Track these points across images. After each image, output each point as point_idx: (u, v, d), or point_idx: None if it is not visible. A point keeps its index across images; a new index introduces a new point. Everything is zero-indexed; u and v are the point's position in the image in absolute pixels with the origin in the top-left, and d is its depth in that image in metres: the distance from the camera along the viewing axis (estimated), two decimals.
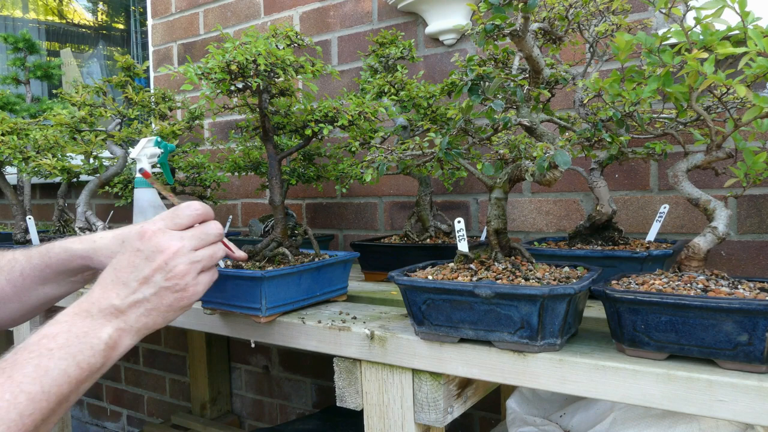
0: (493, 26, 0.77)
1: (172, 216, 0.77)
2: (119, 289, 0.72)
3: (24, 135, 1.57)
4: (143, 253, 0.73)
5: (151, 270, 0.73)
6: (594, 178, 1.16)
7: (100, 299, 0.72)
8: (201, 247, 0.77)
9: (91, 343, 0.68)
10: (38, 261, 0.89)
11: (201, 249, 0.77)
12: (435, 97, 1.37)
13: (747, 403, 0.64)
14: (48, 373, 0.63)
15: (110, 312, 0.72)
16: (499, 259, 0.90)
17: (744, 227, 1.29)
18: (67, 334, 0.67)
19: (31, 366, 0.63)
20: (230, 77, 0.97)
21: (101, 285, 0.74)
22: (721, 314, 0.67)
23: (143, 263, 0.73)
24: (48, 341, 0.66)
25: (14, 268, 0.90)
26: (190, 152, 1.82)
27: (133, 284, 0.73)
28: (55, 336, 0.66)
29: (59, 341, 0.66)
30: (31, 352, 0.64)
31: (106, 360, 0.70)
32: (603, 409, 1.02)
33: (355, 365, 0.94)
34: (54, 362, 0.64)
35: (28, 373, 0.62)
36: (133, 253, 0.74)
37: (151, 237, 0.74)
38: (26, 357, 0.64)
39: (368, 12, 1.82)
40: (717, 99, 0.80)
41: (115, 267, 0.74)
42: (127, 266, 0.73)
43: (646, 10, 1.38)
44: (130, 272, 0.73)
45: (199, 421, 2.21)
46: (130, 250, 0.74)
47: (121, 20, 3.72)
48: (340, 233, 1.92)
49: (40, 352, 0.64)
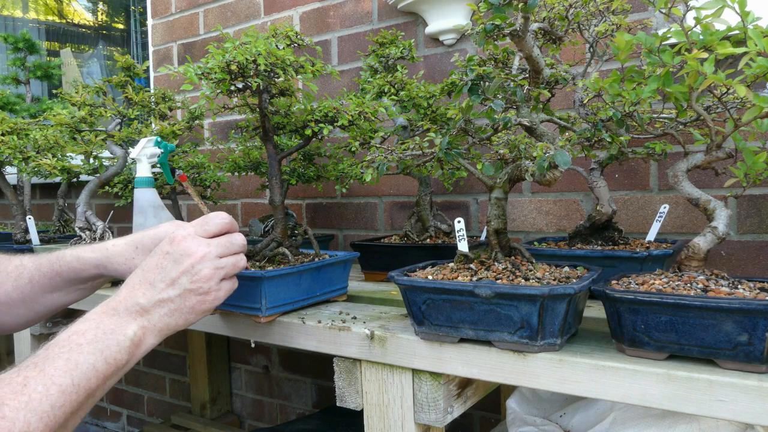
0: (493, 26, 0.77)
1: (202, 223, 0.81)
2: (146, 289, 0.76)
3: (24, 135, 1.57)
4: (172, 256, 0.78)
5: (178, 272, 0.77)
6: (594, 178, 1.16)
7: (127, 298, 0.76)
8: (226, 255, 0.81)
9: (117, 340, 0.71)
10: (48, 269, 0.90)
11: (225, 257, 0.81)
12: (435, 97, 1.37)
13: (747, 403, 0.64)
14: (78, 366, 0.66)
15: (136, 310, 0.75)
16: (499, 259, 0.90)
17: (744, 227, 1.29)
18: (95, 331, 0.70)
19: (62, 360, 0.66)
20: (230, 77, 0.97)
21: (129, 285, 0.78)
22: (721, 314, 0.67)
23: (171, 265, 0.77)
24: (78, 337, 0.69)
25: (22, 275, 0.90)
26: (190, 152, 1.82)
27: (160, 285, 0.77)
28: (84, 332, 0.70)
29: (88, 337, 0.69)
30: (62, 347, 0.67)
31: (130, 357, 0.73)
32: (603, 409, 1.02)
33: (355, 365, 0.94)
34: (83, 357, 0.67)
35: (59, 366, 0.65)
36: (162, 255, 0.78)
37: (180, 241, 0.78)
38: (57, 352, 0.67)
39: (368, 12, 1.82)
40: (717, 99, 0.80)
41: (143, 268, 0.79)
42: (156, 267, 0.78)
43: (646, 10, 1.38)
44: (158, 273, 0.77)
45: (199, 421, 2.21)
46: (159, 253, 0.79)
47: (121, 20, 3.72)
48: (340, 233, 1.92)
49: (70, 347, 0.67)
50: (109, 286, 1.43)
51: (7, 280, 0.90)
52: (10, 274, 0.90)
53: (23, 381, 0.62)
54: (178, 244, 0.78)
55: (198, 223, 0.82)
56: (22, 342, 1.60)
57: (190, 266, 0.77)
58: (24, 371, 0.64)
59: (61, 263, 0.90)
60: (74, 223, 1.50)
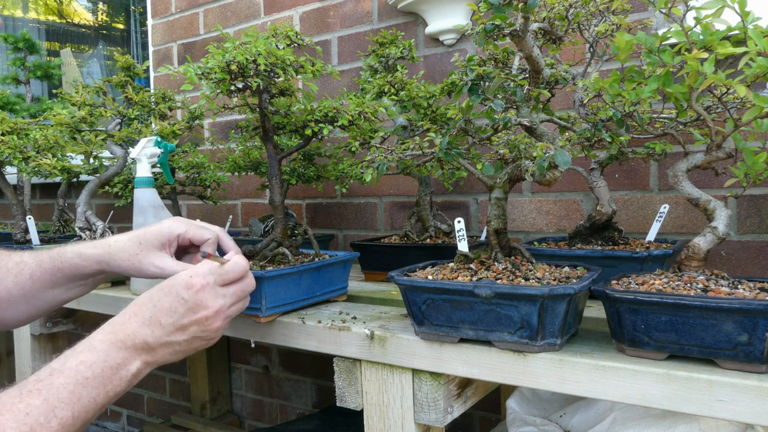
0: (493, 26, 0.77)
1: (222, 273, 0.81)
2: (155, 329, 0.77)
3: (24, 135, 1.57)
4: (187, 303, 0.78)
5: (189, 321, 0.78)
6: (594, 178, 1.16)
7: (136, 334, 0.76)
8: (236, 303, 0.83)
9: (120, 375, 0.73)
10: (49, 265, 0.90)
11: (236, 304, 0.83)
12: (435, 97, 1.37)
13: (747, 403, 0.64)
14: (80, 400, 0.68)
15: (142, 347, 0.76)
16: (499, 259, 0.90)
17: (744, 227, 1.29)
18: (103, 365, 0.72)
19: (66, 392, 0.67)
20: (230, 77, 0.97)
21: (138, 318, 0.77)
22: (721, 314, 0.67)
23: (185, 313, 0.78)
24: (85, 369, 0.70)
25: (23, 271, 0.90)
26: (190, 152, 1.82)
27: (169, 328, 0.77)
28: (91, 365, 0.71)
29: (95, 371, 0.71)
30: (68, 377, 0.68)
31: (128, 387, 0.75)
32: (603, 409, 1.02)
33: (355, 365, 0.94)
34: (87, 391, 0.69)
35: (63, 398, 0.66)
36: (177, 299, 0.78)
37: (198, 291, 0.78)
38: (63, 382, 0.68)
39: (368, 12, 1.82)
40: (717, 99, 0.80)
41: (155, 305, 0.78)
42: (168, 310, 0.78)
43: (646, 10, 1.38)
44: (169, 316, 0.77)
45: (199, 421, 2.21)
46: (174, 295, 0.78)
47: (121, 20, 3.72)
48: (340, 233, 1.92)
49: (76, 380, 0.68)
50: (109, 285, 1.44)
51: (7, 276, 0.89)
52: (11, 270, 0.90)
53: (26, 409, 0.63)
54: (195, 293, 0.78)
55: (219, 273, 0.81)
56: (22, 342, 1.60)
57: (204, 318, 0.79)
58: (27, 398, 0.64)
59: (62, 259, 0.90)
60: (74, 223, 1.50)
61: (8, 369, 2.58)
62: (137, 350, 0.76)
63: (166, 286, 0.79)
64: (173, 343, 0.78)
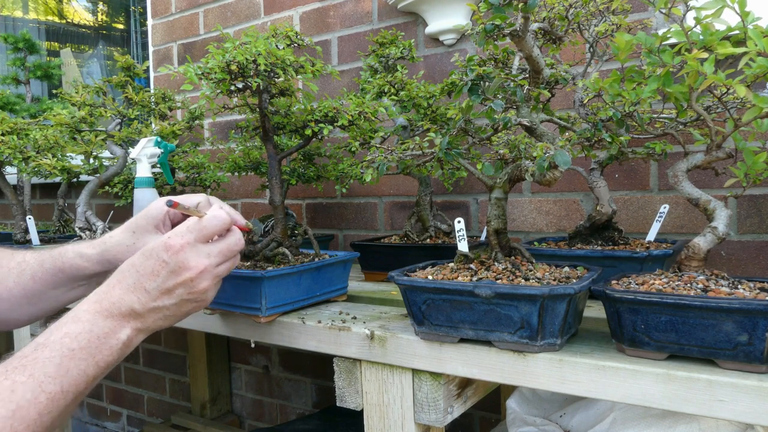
0: (493, 26, 0.77)
1: (201, 228, 0.76)
2: (140, 294, 0.74)
3: (24, 135, 1.57)
4: (169, 265, 0.74)
5: (174, 283, 0.74)
6: (594, 178, 1.16)
7: (121, 301, 0.73)
8: (224, 262, 0.79)
9: (110, 344, 0.70)
10: (50, 265, 0.89)
11: (224, 263, 0.79)
12: (435, 97, 1.37)
13: (747, 403, 0.64)
14: (68, 372, 0.65)
15: (130, 314, 0.73)
16: (499, 259, 0.90)
17: (744, 227, 1.29)
18: (89, 335, 0.69)
19: (53, 366, 0.65)
20: (230, 77, 0.97)
21: (122, 285, 0.74)
22: (721, 314, 0.67)
23: (168, 276, 0.74)
24: (70, 341, 0.67)
25: (24, 271, 0.89)
26: (190, 152, 1.82)
27: (155, 293, 0.74)
28: (77, 336, 0.68)
29: (81, 342, 0.68)
30: (53, 350, 0.66)
31: (120, 356, 0.73)
32: (603, 409, 1.02)
33: (355, 365, 0.94)
34: (75, 362, 0.66)
35: (50, 372, 0.64)
36: (159, 262, 0.74)
37: (178, 251, 0.74)
38: (48, 355, 0.65)
39: (368, 12, 1.82)
40: (717, 99, 0.80)
41: (138, 270, 0.75)
42: (151, 274, 0.74)
43: (646, 10, 1.38)
44: (153, 281, 0.74)
45: (199, 421, 2.21)
46: (155, 258, 0.74)
47: (121, 20, 3.72)
48: (340, 233, 1.92)
49: (62, 353, 0.66)
50: None
51: (9, 276, 0.89)
52: (12, 270, 0.89)
53: (11, 387, 0.61)
54: (175, 254, 0.74)
55: (196, 228, 0.76)
56: (22, 342, 1.60)
57: (189, 279, 0.75)
58: (12, 375, 0.62)
59: (63, 260, 0.89)
60: (74, 223, 1.50)
61: None
62: (125, 317, 0.73)
63: (147, 249, 0.75)
64: (161, 307, 0.75)
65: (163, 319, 0.76)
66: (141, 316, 0.74)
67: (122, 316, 0.73)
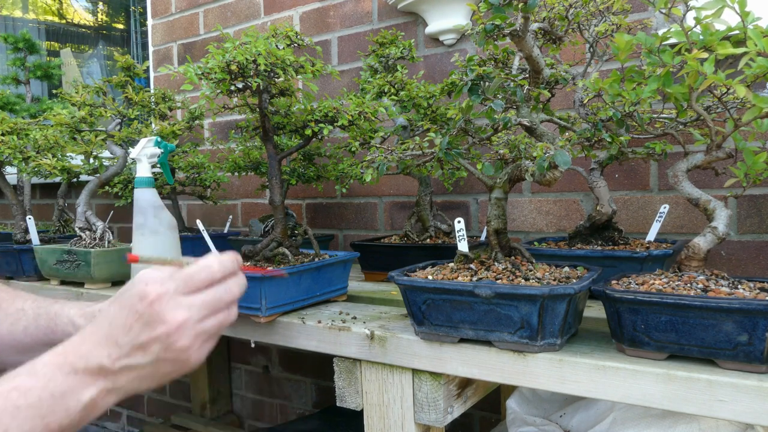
0: (493, 26, 0.77)
1: (186, 279, 0.66)
2: (111, 349, 0.64)
3: (24, 135, 1.57)
4: (143, 318, 0.64)
5: (148, 338, 0.64)
6: (594, 178, 1.16)
7: (89, 355, 0.63)
8: (210, 316, 0.68)
9: (67, 405, 0.61)
10: (44, 324, 0.84)
11: (210, 317, 0.68)
12: (435, 97, 1.37)
13: (747, 403, 0.64)
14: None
15: (98, 371, 0.63)
16: (499, 259, 0.90)
17: (744, 227, 1.29)
18: (41, 392, 0.59)
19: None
20: (230, 77, 0.97)
21: (92, 338, 0.65)
22: (721, 314, 0.67)
23: (140, 329, 0.64)
24: (17, 396, 0.58)
25: (19, 321, 0.85)
26: (190, 152, 1.82)
27: (126, 348, 0.64)
28: (26, 391, 0.59)
29: (30, 399, 0.59)
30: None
31: (81, 420, 0.63)
32: (603, 409, 1.02)
33: (355, 365, 0.94)
34: (17, 422, 0.58)
35: None
36: (131, 313, 0.65)
37: (153, 302, 0.64)
38: None
39: (368, 12, 1.82)
40: (717, 99, 0.80)
41: (110, 321, 0.66)
42: (122, 327, 0.65)
43: (646, 10, 1.38)
44: (125, 334, 0.64)
45: (199, 421, 2.21)
46: (128, 308, 0.65)
47: (121, 20, 3.71)
48: (340, 233, 1.92)
49: (5, 407, 0.58)
50: (109, 285, 1.44)
51: (3, 321, 0.85)
52: (10, 316, 0.86)
53: None
54: (150, 305, 0.64)
55: (181, 279, 0.66)
56: None
57: (164, 335, 0.64)
58: None
59: (56, 322, 0.84)
60: (74, 223, 1.50)
61: None
62: (91, 374, 0.62)
63: (122, 297, 0.67)
64: (135, 366, 0.64)
65: (138, 380, 0.66)
66: (111, 374, 0.64)
67: (88, 373, 0.63)
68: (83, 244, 1.44)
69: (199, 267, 0.67)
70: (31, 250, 1.55)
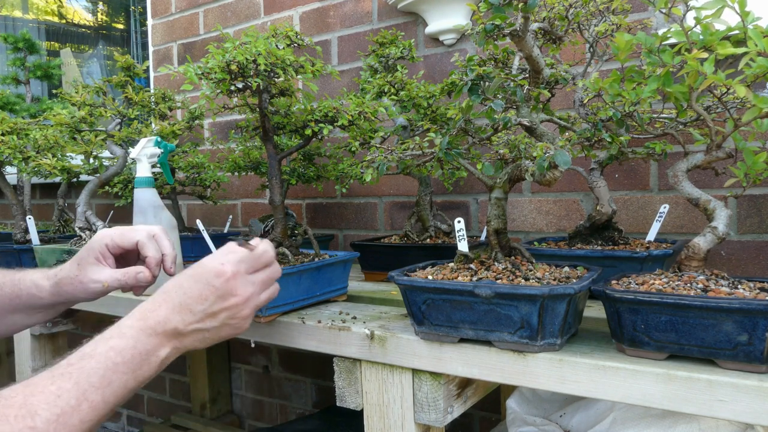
0: (493, 26, 0.77)
1: (253, 262, 0.81)
2: (185, 315, 0.77)
3: (24, 135, 1.57)
4: (218, 291, 0.78)
5: (220, 308, 0.78)
6: (594, 178, 1.16)
7: (166, 321, 0.76)
8: (264, 291, 0.84)
9: (149, 361, 0.74)
10: (9, 290, 0.90)
11: (264, 292, 0.84)
12: (435, 97, 1.37)
13: (747, 403, 0.64)
14: (111, 384, 0.68)
15: (172, 334, 0.76)
16: (499, 259, 0.90)
17: (744, 227, 1.29)
18: (133, 351, 0.72)
19: (97, 376, 0.68)
20: (230, 77, 0.97)
21: (168, 305, 0.77)
22: (721, 314, 0.67)
23: (215, 300, 0.78)
24: (115, 355, 0.70)
25: None
26: (190, 152, 1.82)
27: (200, 315, 0.77)
28: (121, 351, 0.71)
29: (125, 357, 0.71)
30: (99, 362, 0.69)
31: (156, 372, 0.76)
32: (603, 409, 1.02)
33: (355, 365, 0.94)
34: (117, 376, 0.69)
35: (94, 382, 0.67)
36: (207, 286, 0.78)
37: (229, 279, 0.78)
38: (93, 366, 0.68)
39: (368, 12, 1.82)
40: (717, 99, 0.80)
41: (186, 292, 0.78)
42: (198, 297, 0.77)
43: (646, 10, 1.38)
44: (200, 303, 0.77)
45: (199, 421, 2.21)
46: (204, 283, 0.78)
47: (121, 20, 3.71)
48: (340, 233, 1.92)
49: (106, 365, 0.69)
50: None
51: None
52: None
53: (57, 392, 0.64)
54: (226, 281, 0.78)
55: (249, 261, 0.81)
56: (22, 342, 1.60)
57: (234, 305, 0.79)
58: (58, 381, 0.65)
59: (20, 286, 0.90)
60: (74, 223, 1.50)
61: (8, 369, 2.58)
62: (167, 336, 0.76)
63: (197, 273, 0.79)
64: (203, 329, 0.78)
65: (201, 341, 0.80)
66: (182, 336, 0.77)
67: (165, 335, 0.76)
68: (83, 244, 1.44)
69: (261, 251, 0.83)
70: (31, 250, 1.55)
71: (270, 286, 0.85)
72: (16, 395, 0.62)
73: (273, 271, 0.85)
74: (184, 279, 0.79)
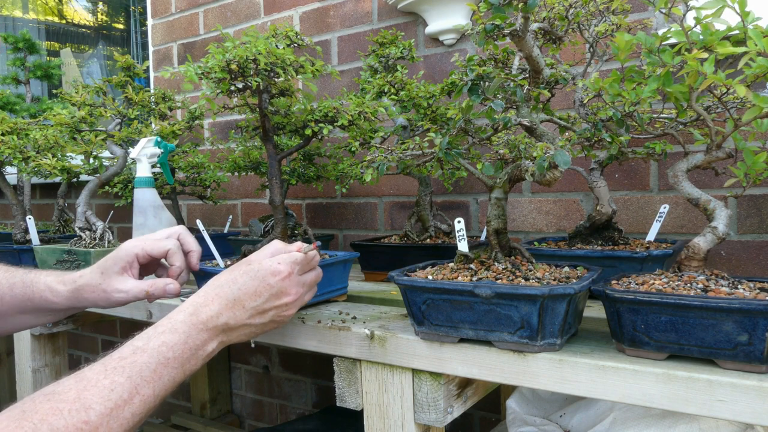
0: (493, 26, 0.77)
1: (305, 265, 0.86)
2: (237, 311, 0.79)
3: (24, 135, 1.57)
4: (273, 289, 0.81)
5: (271, 306, 0.82)
6: (594, 178, 1.16)
7: (218, 316, 0.78)
8: (309, 291, 0.89)
9: (197, 355, 0.76)
10: (20, 292, 0.90)
11: (309, 292, 0.89)
12: (435, 97, 1.37)
13: (747, 403, 0.64)
14: (161, 378, 0.70)
15: (222, 329, 0.79)
16: (499, 259, 0.90)
17: (744, 227, 1.29)
18: (184, 346, 0.74)
19: (149, 371, 0.69)
20: (230, 77, 0.97)
21: (221, 300, 0.79)
22: (721, 314, 0.67)
23: (268, 298, 0.81)
24: (167, 350, 0.72)
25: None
26: (190, 152, 1.82)
27: (251, 311, 0.80)
28: (173, 346, 0.73)
29: (176, 352, 0.73)
30: (151, 356, 0.70)
31: (202, 365, 0.78)
32: (603, 409, 1.02)
33: (355, 365, 0.94)
34: (168, 370, 0.71)
35: (146, 376, 0.69)
36: (263, 284, 0.81)
37: (284, 278, 0.82)
38: (146, 360, 0.70)
39: (368, 12, 1.82)
40: (717, 99, 0.80)
41: (240, 287, 0.80)
42: (253, 293, 0.80)
43: (646, 10, 1.38)
44: (253, 300, 0.80)
45: (199, 421, 2.21)
46: (260, 280, 0.81)
47: (121, 20, 3.72)
48: (340, 233, 1.92)
49: (158, 360, 0.71)
50: None
51: None
52: None
53: (110, 386, 0.65)
54: (282, 280, 0.81)
55: (302, 263, 0.85)
56: (22, 342, 1.60)
57: (284, 304, 0.83)
58: (112, 374, 0.66)
59: (33, 289, 0.90)
60: (74, 223, 1.50)
61: (8, 369, 2.58)
62: (216, 331, 0.78)
63: (252, 270, 0.81)
64: (251, 325, 0.81)
65: (245, 336, 0.82)
66: (231, 331, 0.80)
67: (215, 330, 0.78)
68: (83, 244, 1.44)
69: (313, 254, 0.88)
70: (31, 250, 1.55)
71: (312, 288, 0.90)
72: (69, 390, 0.63)
73: (318, 273, 0.90)
74: (238, 274, 0.81)
